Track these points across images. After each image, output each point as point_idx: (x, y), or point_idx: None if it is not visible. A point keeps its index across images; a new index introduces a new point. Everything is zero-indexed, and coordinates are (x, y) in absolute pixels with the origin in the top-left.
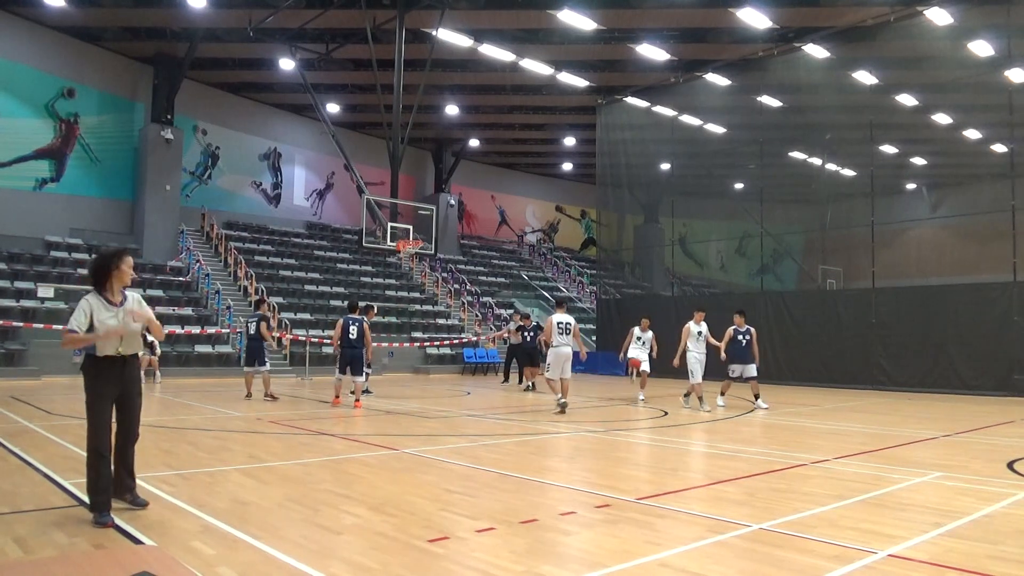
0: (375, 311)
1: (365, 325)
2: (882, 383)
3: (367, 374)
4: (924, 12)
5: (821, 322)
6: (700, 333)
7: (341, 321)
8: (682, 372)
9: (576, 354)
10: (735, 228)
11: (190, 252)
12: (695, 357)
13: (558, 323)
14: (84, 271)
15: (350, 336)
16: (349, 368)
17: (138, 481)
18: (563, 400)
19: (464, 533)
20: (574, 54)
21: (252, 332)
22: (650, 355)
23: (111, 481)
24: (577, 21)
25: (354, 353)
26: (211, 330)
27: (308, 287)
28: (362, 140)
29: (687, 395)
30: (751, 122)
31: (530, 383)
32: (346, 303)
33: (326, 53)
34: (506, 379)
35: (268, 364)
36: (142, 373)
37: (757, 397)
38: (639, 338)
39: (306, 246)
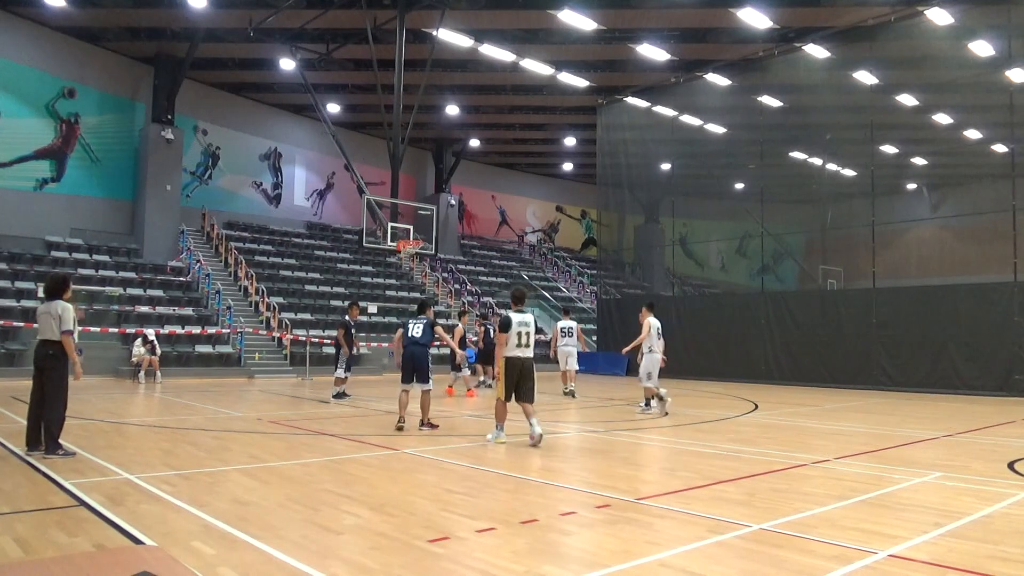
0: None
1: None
2: (882, 383)
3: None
4: (924, 12)
5: (822, 322)
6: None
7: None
8: (681, 371)
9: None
10: (735, 228)
11: (190, 252)
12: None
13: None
14: (85, 271)
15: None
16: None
17: (137, 480)
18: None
19: (464, 533)
20: (574, 54)
21: (418, 336)
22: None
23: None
24: (577, 21)
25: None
26: (211, 330)
27: (308, 287)
28: (362, 140)
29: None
30: (751, 122)
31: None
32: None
33: (326, 53)
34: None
35: (431, 382)
36: (143, 373)
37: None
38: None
39: (306, 246)
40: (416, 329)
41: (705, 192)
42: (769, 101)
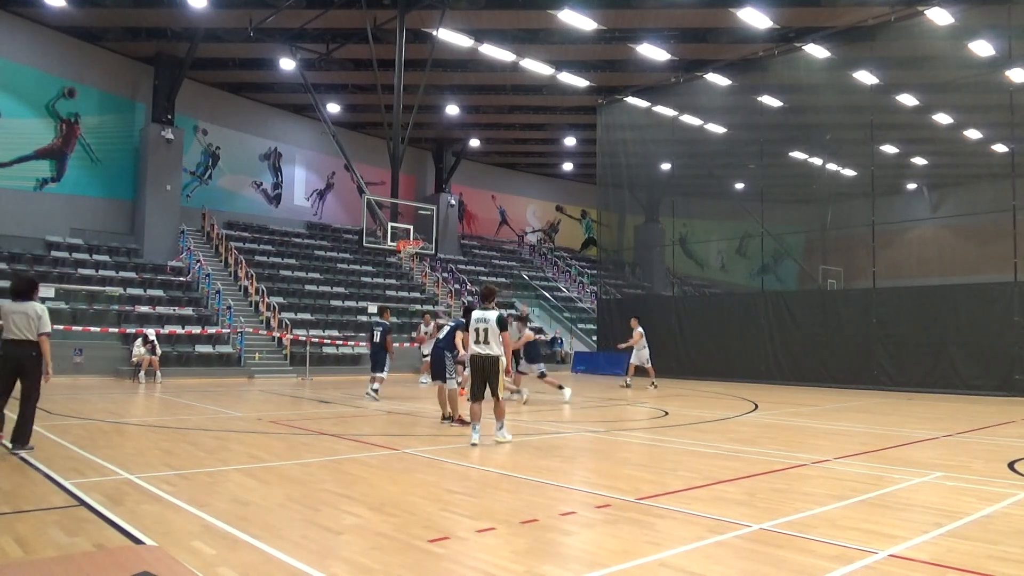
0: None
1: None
2: (882, 383)
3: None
4: (925, 12)
5: (822, 322)
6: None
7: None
8: (681, 371)
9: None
10: (736, 228)
11: (190, 252)
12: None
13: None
14: (85, 271)
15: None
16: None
17: (137, 480)
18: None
19: (464, 533)
20: (574, 54)
21: (440, 338)
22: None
23: None
24: (577, 21)
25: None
26: (211, 330)
27: (308, 287)
28: (362, 140)
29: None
30: (751, 122)
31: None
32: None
33: (326, 53)
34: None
35: (453, 380)
36: (143, 373)
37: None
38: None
39: (306, 246)
40: (444, 331)
41: (705, 192)
42: (769, 101)
